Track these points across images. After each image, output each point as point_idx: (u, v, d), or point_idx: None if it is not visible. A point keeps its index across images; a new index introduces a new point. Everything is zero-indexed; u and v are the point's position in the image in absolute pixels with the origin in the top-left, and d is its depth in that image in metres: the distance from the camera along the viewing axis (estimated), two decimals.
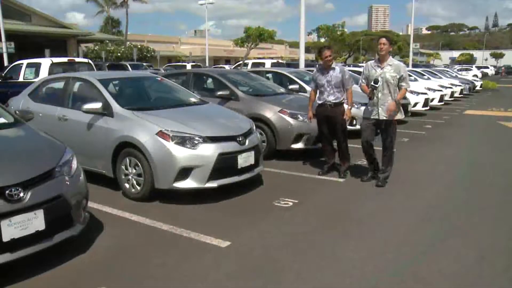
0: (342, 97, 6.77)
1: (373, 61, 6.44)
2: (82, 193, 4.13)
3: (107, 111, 5.94)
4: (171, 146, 5.38)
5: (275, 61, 29.58)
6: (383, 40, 6.19)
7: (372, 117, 6.31)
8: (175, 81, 8.83)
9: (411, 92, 15.86)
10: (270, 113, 7.95)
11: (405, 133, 11.48)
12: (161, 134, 5.45)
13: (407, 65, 43.12)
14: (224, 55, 63.29)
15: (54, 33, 35.71)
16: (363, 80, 6.45)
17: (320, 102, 6.86)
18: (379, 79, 6.11)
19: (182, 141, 5.43)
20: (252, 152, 5.96)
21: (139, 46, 45.08)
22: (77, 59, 15.48)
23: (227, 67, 40.08)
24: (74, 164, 4.22)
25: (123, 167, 5.76)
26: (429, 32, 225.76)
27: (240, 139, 5.83)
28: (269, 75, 11.79)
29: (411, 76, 18.56)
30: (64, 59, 14.74)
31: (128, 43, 46.99)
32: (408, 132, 11.79)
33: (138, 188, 5.65)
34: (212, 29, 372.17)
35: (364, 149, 6.51)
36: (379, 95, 6.20)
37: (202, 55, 50.30)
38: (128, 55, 41.65)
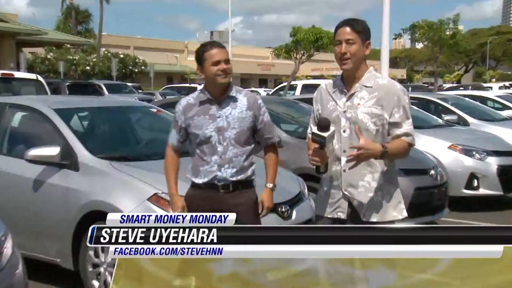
0: (251, 166, 4.73)
1: (330, 81, 4.52)
2: None
3: (68, 160, 6.01)
4: None
5: None
6: (346, 30, 4.14)
7: (330, 216, 4.35)
8: None
9: None
10: None
11: None
12: (156, 199, 5.48)
13: None
14: (257, 71, 64.44)
15: None
16: (312, 127, 4.38)
17: (201, 180, 4.64)
18: (342, 120, 4.16)
19: None
20: None
21: (121, 56, 46.39)
22: (17, 74, 15.91)
23: (262, 91, 40.47)
24: (8, 247, 4.27)
25: (91, 252, 5.76)
26: None
27: (284, 209, 5.79)
28: None
29: None
30: None
31: (104, 49, 48.41)
32: None
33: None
34: (238, 30, 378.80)
35: None
36: (342, 161, 4.20)
37: None
38: (103, 69, 42.79)
